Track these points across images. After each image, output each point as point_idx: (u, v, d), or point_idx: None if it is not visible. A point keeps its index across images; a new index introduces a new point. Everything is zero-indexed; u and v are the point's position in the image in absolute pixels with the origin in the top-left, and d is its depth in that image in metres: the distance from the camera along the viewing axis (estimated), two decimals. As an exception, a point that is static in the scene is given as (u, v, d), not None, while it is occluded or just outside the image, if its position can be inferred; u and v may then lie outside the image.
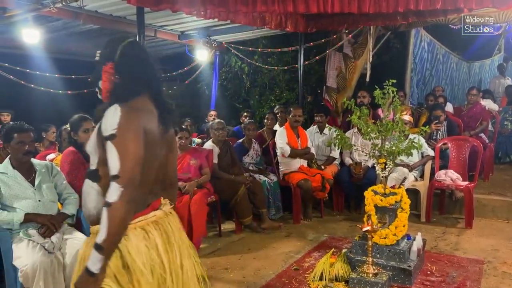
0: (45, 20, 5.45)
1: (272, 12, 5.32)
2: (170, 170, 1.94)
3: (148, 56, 1.85)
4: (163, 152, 1.80)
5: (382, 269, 3.46)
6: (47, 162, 3.42)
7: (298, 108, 5.72)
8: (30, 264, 2.76)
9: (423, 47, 8.27)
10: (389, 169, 3.74)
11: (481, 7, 4.61)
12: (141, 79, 1.75)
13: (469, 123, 6.60)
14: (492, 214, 5.33)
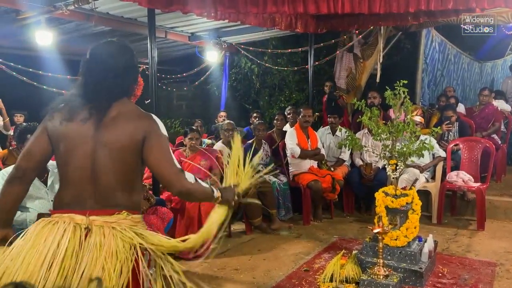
0: (57, 22, 5.51)
1: (282, 13, 5.32)
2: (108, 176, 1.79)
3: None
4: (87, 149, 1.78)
5: (393, 271, 3.45)
6: (59, 163, 3.45)
7: (308, 108, 5.71)
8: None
9: (434, 47, 8.21)
10: (400, 170, 3.72)
11: (493, 7, 4.56)
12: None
13: (481, 124, 6.54)
14: (504, 216, 5.27)
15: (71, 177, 1.80)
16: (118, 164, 1.78)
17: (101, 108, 1.79)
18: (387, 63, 7.87)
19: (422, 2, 4.42)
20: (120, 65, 1.83)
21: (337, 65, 7.96)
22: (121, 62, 1.84)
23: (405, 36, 8.09)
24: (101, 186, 1.78)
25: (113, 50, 1.86)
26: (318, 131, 6.02)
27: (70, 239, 1.71)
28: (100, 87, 1.79)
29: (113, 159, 1.77)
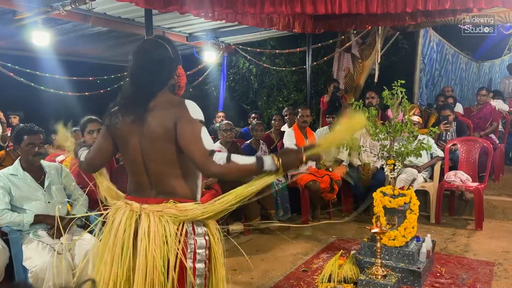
0: (54, 22, 5.49)
1: (279, 13, 5.32)
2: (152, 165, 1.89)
3: None
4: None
5: (391, 271, 3.44)
6: (56, 164, 3.45)
7: (306, 108, 5.70)
8: (40, 265, 2.78)
9: (432, 47, 8.21)
10: (398, 170, 3.71)
11: (491, 7, 4.57)
12: None
13: (479, 124, 6.55)
14: (502, 215, 5.27)
15: (131, 169, 1.97)
16: (161, 154, 1.86)
17: (142, 103, 1.88)
18: (385, 63, 7.89)
19: (420, 2, 4.43)
20: (154, 59, 1.91)
21: (335, 65, 7.96)
22: (155, 57, 1.92)
23: (403, 36, 8.10)
24: (153, 176, 1.89)
25: (147, 46, 1.97)
26: (317, 131, 6.02)
27: (126, 225, 1.85)
28: (139, 83, 1.91)
29: (156, 150, 1.86)
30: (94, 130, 3.63)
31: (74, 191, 3.32)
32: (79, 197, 3.32)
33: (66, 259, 2.94)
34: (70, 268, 2.95)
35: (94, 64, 8.39)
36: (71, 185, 3.33)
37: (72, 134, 4.68)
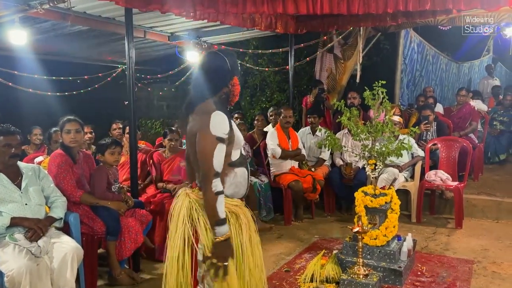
0: (32, 21, 5.38)
1: (261, 13, 5.30)
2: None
3: None
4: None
5: (373, 270, 3.47)
6: (34, 165, 3.38)
7: (288, 109, 5.71)
8: (16, 269, 2.71)
9: (413, 48, 8.31)
10: (379, 170, 3.74)
11: (469, 8, 4.61)
12: None
13: (459, 124, 6.65)
14: (481, 214, 5.36)
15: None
16: (192, 151, 2.24)
17: (190, 106, 2.26)
18: (367, 64, 7.94)
19: (400, 2, 4.45)
20: (211, 69, 2.23)
21: (318, 66, 7.99)
22: (212, 67, 2.23)
23: (384, 37, 8.17)
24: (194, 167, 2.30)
25: (207, 58, 2.31)
26: (299, 131, 6.03)
27: (180, 204, 2.30)
28: (194, 89, 2.28)
29: (189, 146, 2.29)
30: (71, 130, 3.57)
31: (52, 193, 3.26)
32: (57, 198, 3.25)
33: (43, 262, 2.88)
34: (48, 272, 2.89)
35: (74, 64, 8.26)
36: (49, 187, 3.26)
37: (52, 135, 4.64)
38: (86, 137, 4.97)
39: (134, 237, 3.64)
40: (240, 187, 2.30)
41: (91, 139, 5.29)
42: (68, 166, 3.53)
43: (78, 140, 3.65)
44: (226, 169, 2.20)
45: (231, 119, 2.22)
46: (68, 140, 3.56)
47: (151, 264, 4.12)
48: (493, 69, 11.22)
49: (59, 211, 3.20)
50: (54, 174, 3.45)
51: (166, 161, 4.66)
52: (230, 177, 2.23)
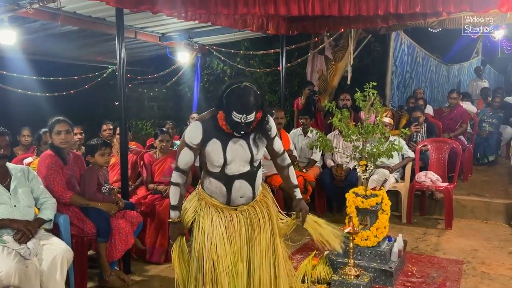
0: (22, 21, 5.32)
1: (253, 14, 5.31)
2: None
3: None
4: None
5: (364, 271, 3.48)
6: (23, 166, 3.35)
7: (280, 110, 5.70)
8: (5, 271, 2.67)
9: (403, 50, 8.37)
10: (370, 171, 3.76)
11: (459, 11, 4.66)
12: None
13: (450, 125, 6.69)
14: (471, 214, 5.40)
15: None
16: None
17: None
18: (358, 65, 7.98)
19: (391, 5, 4.49)
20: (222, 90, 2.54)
21: (309, 67, 8.01)
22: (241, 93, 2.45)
23: (375, 39, 8.21)
24: None
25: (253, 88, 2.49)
26: (290, 132, 6.03)
27: None
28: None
29: None
30: (61, 131, 3.53)
31: (41, 194, 3.22)
32: (46, 200, 3.22)
33: (32, 264, 2.85)
34: (37, 274, 2.86)
35: (64, 64, 8.19)
36: (39, 188, 3.23)
37: (42, 136, 4.59)
38: (76, 138, 4.93)
39: (125, 239, 3.61)
40: (215, 195, 2.60)
41: (81, 140, 5.25)
42: (58, 167, 3.50)
43: (69, 141, 3.62)
44: (204, 173, 2.64)
45: (210, 136, 2.50)
46: (59, 141, 3.53)
47: (142, 266, 4.09)
48: (482, 71, 11.34)
49: (48, 212, 3.16)
50: (43, 175, 3.42)
51: (157, 162, 4.64)
52: (206, 182, 2.62)
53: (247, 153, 2.54)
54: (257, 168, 2.66)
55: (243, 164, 2.55)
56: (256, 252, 2.63)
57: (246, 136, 2.51)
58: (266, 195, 2.82)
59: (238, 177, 2.55)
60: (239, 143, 2.52)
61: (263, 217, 2.71)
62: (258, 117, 2.46)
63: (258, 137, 2.55)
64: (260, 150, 2.60)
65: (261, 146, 2.59)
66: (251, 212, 2.67)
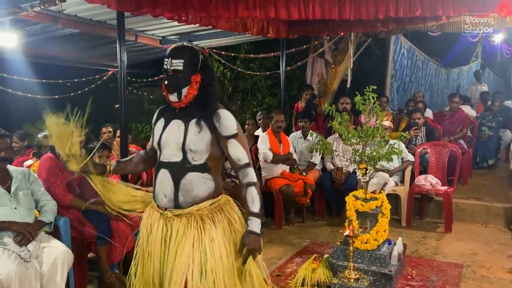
0: (23, 24, 5.34)
1: (253, 18, 5.33)
2: None
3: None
4: None
5: (364, 274, 3.48)
6: (24, 169, 3.35)
7: (280, 113, 5.72)
8: (5, 274, 2.68)
9: (403, 53, 8.40)
10: (370, 174, 3.77)
11: (459, 15, 4.68)
12: (217, 89, 2.22)
13: (450, 129, 6.69)
14: (470, 218, 5.41)
15: None
16: None
17: None
18: (357, 69, 8.01)
19: (391, 9, 4.51)
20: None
21: (309, 71, 8.04)
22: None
23: (374, 42, 8.25)
24: None
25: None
26: (290, 136, 6.04)
27: None
28: None
29: None
30: None
31: (42, 197, 3.22)
32: (47, 202, 3.22)
33: (33, 267, 2.85)
34: (37, 277, 2.86)
35: (65, 67, 8.20)
36: (39, 191, 3.23)
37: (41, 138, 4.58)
38: (76, 140, 4.92)
39: (125, 241, 3.61)
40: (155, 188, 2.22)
41: (81, 142, 5.24)
42: (58, 170, 3.50)
43: (69, 144, 3.62)
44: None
45: (160, 116, 2.30)
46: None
47: (142, 269, 4.09)
48: (481, 75, 11.36)
49: (49, 215, 3.17)
50: (44, 178, 3.42)
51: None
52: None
53: (180, 136, 2.12)
54: (195, 167, 2.12)
55: (175, 151, 2.13)
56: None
57: (187, 118, 2.14)
58: (229, 219, 2.21)
59: (166, 165, 2.16)
60: (178, 124, 2.16)
61: (190, 245, 2.08)
62: (194, 80, 2.11)
63: (199, 123, 2.11)
64: (199, 140, 2.10)
65: (202, 135, 2.10)
66: (176, 226, 2.13)
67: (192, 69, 2.11)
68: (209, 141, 2.11)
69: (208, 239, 2.08)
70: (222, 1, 4.45)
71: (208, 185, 2.15)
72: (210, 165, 2.15)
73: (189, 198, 2.12)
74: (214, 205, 2.19)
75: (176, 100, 2.13)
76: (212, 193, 2.17)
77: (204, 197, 2.15)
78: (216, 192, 2.20)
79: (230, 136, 2.12)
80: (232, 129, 2.11)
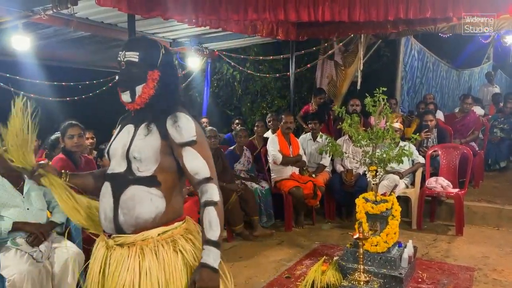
0: (35, 27, 5.41)
1: (263, 20, 5.35)
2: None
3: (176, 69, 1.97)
4: None
5: (374, 277, 3.46)
6: (36, 170, 3.38)
7: (289, 115, 5.73)
8: (18, 274, 2.72)
9: (413, 55, 8.35)
10: (380, 176, 3.75)
11: (470, 16, 4.66)
12: (178, 90, 1.89)
13: (461, 131, 6.64)
14: (482, 221, 5.35)
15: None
16: None
17: None
18: (367, 71, 7.97)
19: (401, 10, 4.49)
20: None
21: (318, 72, 8.03)
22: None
23: (385, 44, 8.22)
24: None
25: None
26: (300, 137, 6.04)
27: None
28: None
29: None
30: (74, 135, 3.59)
31: (53, 198, 3.24)
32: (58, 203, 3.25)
33: (45, 267, 2.89)
34: (49, 277, 2.89)
35: (76, 69, 8.27)
36: (51, 192, 3.26)
37: (55, 142, 4.62)
38: (87, 142, 4.98)
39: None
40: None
41: (92, 144, 5.29)
42: (70, 171, 3.53)
43: (81, 145, 3.68)
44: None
45: (119, 123, 1.94)
46: (71, 144, 3.58)
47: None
48: (493, 77, 11.25)
49: (60, 216, 3.20)
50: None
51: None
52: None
53: (127, 142, 1.77)
54: (139, 179, 1.73)
55: (120, 160, 1.78)
56: None
57: (139, 122, 1.79)
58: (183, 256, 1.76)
59: (108, 178, 1.81)
60: (128, 129, 1.82)
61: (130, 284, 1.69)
62: (151, 78, 1.77)
63: (149, 126, 1.76)
64: (145, 146, 1.73)
65: (148, 140, 1.73)
66: (114, 260, 1.74)
67: (149, 64, 1.78)
68: (159, 149, 1.72)
69: (144, 282, 1.68)
70: (232, 4, 4.48)
71: (155, 203, 1.72)
72: (161, 179, 1.74)
73: (130, 218, 1.72)
74: (165, 235, 1.74)
75: (129, 100, 1.79)
76: (161, 216, 1.73)
77: (149, 220, 1.72)
78: (168, 215, 1.75)
79: (186, 144, 1.72)
80: (188, 135, 1.72)
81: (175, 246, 1.75)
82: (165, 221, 1.75)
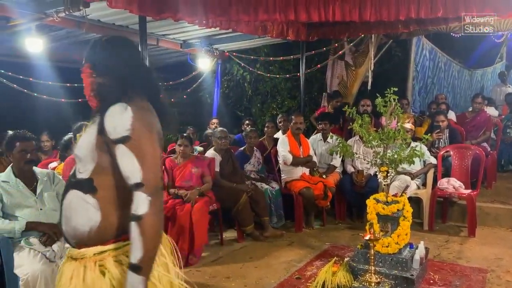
0: (48, 29, 5.49)
1: (273, 21, 5.35)
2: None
3: (133, 55, 1.73)
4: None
5: (385, 278, 3.44)
6: (48, 171, 3.43)
7: (299, 115, 5.72)
8: (31, 273, 2.75)
9: (425, 55, 8.29)
10: (391, 177, 3.72)
11: (482, 15, 4.61)
12: (128, 78, 1.58)
13: (472, 132, 6.57)
14: (495, 222, 5.30)
15: None
16: None
17: None
18: (378, 71, 7.94)
19: (412, 10, 4.47)
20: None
21: (329, 73, 8.01)
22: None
23: (396, 44, 8.17)
24: None
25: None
26: (310, 138, 6.03)
27: None
28: None
29: None
30: None
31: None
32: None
33: (58, 266, 2.92)
34: (62, 276, 2.92)
35: (88, 71, 8.35)
36: (64, 192, 3.30)
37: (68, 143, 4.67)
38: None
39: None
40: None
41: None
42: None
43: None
44: None
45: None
46: None
47: (163, 270, 4.13)
48: (506, 76, 11.11)
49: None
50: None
51: (178, 167, 4.69)
52: None
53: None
54: (78, 183, 1.54)
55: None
56: None
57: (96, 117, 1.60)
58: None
59: (72, 186, 1.59)
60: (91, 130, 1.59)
61: None
62: (84, 73, 1.65)
63: (94, 119, 1.59)
64: (82, 142, 1.57)
65: (86, 135, 1.58)
66: (65, 271, 1.57)
67: (85, 61, 1.66)
68: (94, 145, 1.51)
69: None
70: (242, 5, 4.49)
71: (89, 214, 1.48)
72: (97, 184, 1.50)
73: (69, 229, 1.53)
74: (99, 256, 1.50)
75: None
76: (96, 231, 1.49)
77: (85, 233, 1.49)
78: (105, 231, 1.50)
79: (118, 140, 1.44)
80: (121, 130, 1.43)
81: (104, 270, 1.50)
82: (103, 239, 1.50)
